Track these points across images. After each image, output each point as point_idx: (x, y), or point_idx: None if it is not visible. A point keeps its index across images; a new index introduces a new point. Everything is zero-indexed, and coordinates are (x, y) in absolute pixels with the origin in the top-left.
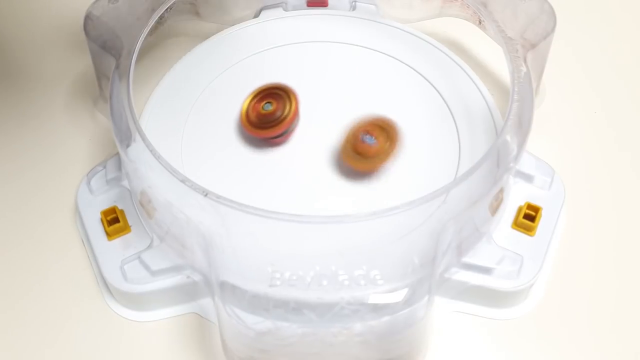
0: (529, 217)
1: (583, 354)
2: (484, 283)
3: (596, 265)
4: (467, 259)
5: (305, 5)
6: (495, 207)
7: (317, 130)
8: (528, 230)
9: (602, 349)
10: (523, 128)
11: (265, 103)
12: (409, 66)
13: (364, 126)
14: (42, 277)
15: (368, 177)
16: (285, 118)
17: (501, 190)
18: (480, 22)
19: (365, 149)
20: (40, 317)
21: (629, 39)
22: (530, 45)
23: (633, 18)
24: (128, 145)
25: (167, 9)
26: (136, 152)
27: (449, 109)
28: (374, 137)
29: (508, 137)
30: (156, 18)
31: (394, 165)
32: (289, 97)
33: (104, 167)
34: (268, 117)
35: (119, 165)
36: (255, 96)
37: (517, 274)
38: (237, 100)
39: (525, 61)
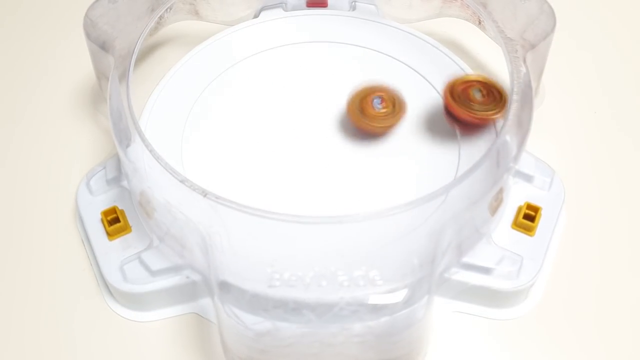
0: (528, 217)
1: (583, 354)
2: (484, 283)
3: (596, 265)
4: (467, 259)
5: (305, 5)
6: (495, 207)
7: (317, 131)
8: (528, 230)
9: (602, 349)
10: (523, 128)
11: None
12: (409, 66)
13: (375, 91)
14: (42, 277)
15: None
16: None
17: (501, 191)
18: (479, 22)
19: (374, 113)
20: (40, 317)
21: (628, 39)
22: (529, 46)
23: (633, 18)
24: (127, 146)
25: (167, 9)
26: (135, 153)
27: None
28: (381, 103)
29: (508, 137)
30: (156, 18)
31: (394, 165)
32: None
33: (104, 167)
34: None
35: (119, 165)
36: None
37: (517, 274)
38: (237, 100)
39: (524, 61)
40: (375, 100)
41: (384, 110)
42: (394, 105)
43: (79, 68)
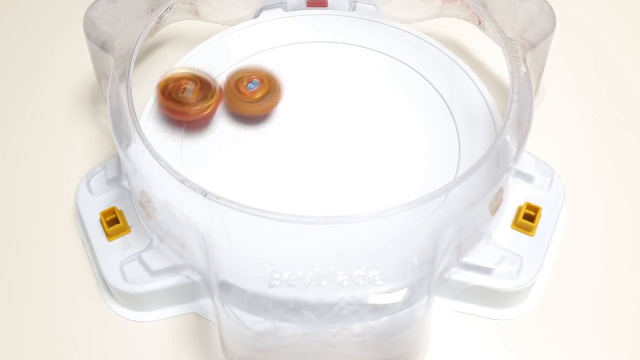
0: (528, 217)
1: (583, 354)
2: (484, 283)
3: (596, 265)
4: (467, 259)
5: (305, 5)
6: (495, 207)
7: (317, 131)
8: (528, 230)
9: (603, 349)
10: (523, 128)
11: (188, 83)
12: (409, 66)
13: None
14: (42, 277)
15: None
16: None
17: (501, 190)
18: (479, 23)
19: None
20: (40, 317)
21: (628, 39)
22: (529, 46)
23: (633, 18)
24: (127, 146)
25: (166, 9)
26: (136, 153)
27: (449, 109)
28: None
29: (508, 137)
30: (156, 18)
31: (394, 165)
32: (212, 92)
33: (104, 167)
34: (182, 99)
35: (119, 165)
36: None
37: (517, 274)
38: None
39: (524, 61)
40: (250, 84)
41: (259, 93)
42: (269, 88)
43: (79, 68)
